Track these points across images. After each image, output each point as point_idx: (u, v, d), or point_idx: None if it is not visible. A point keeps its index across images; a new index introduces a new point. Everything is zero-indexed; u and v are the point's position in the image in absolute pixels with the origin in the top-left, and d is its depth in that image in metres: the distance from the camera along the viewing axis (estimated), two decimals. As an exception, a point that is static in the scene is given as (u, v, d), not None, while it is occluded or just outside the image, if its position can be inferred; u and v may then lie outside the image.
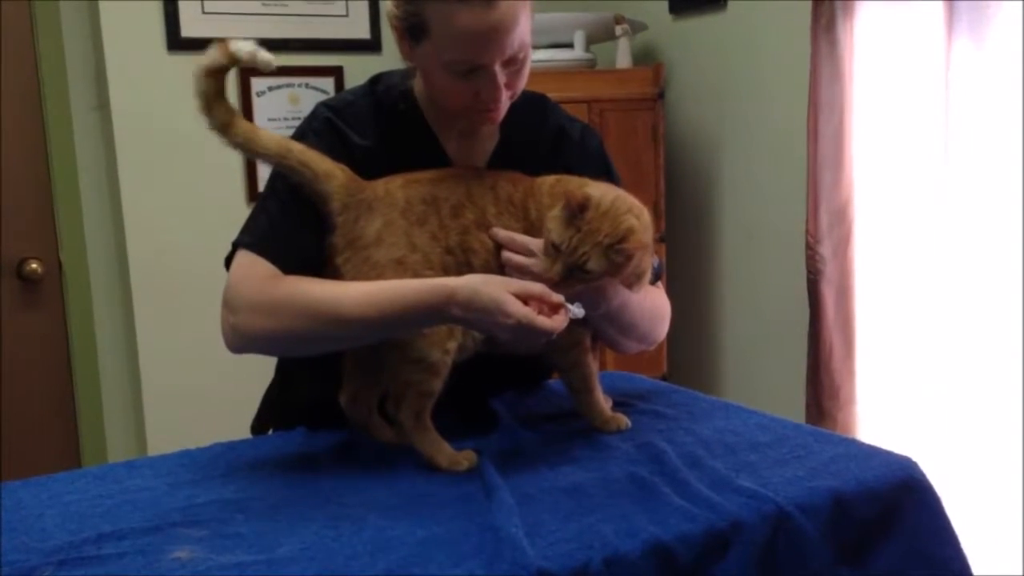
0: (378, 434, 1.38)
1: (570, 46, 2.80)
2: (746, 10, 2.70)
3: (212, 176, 2.80)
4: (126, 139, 2.73)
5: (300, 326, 1.23)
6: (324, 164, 1.30)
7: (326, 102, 1.43)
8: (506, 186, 1.35)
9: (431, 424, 1.28)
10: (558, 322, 1.17)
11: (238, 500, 1.17)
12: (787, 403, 2.48)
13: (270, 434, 1.52)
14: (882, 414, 2.36)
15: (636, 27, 2.91)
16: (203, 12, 2.78)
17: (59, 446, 2.82)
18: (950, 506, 1.24)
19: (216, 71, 1.27)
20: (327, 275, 1.29)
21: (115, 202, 2.80)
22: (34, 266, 2.73)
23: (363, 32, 2.99)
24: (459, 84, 1.29)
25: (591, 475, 1.21)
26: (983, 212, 2.08)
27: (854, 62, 2.27)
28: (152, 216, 2.77)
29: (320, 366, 1.39)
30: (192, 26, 2.77)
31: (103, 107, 2.75)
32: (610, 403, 1.43)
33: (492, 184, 1.35)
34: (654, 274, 1.45)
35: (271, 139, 1.31)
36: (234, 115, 1.28)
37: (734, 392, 2.89)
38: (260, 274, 1.26)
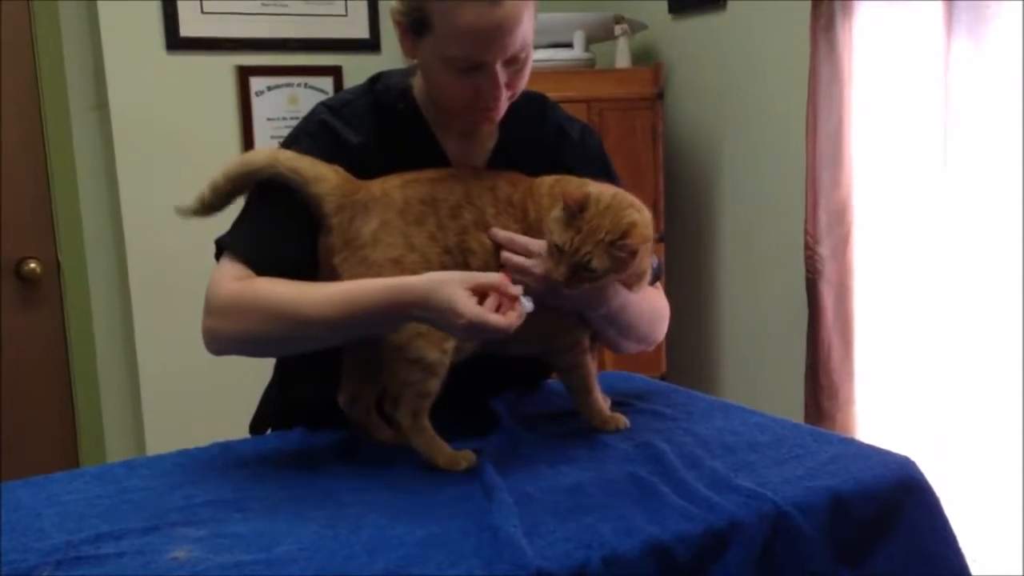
0: (377, 434, 1.38)
1: (569, 46, 2.80)
2: (745, 10, 2.70)
3: (211, 176, 2.79)
4: (125, 139, 2.73)
5: (265, 329, 1.25)
6: (315, 168, 1.30)
7: (325, 102, 1.43)
8: (505, 187, 1.35)
9: (429, 424, 1.28)
10: (511, 319, 1.16)
11: (236, 500, 1.17)
12: (786, 403, 2.48)
13: (269, 434, 1.52)
14: (881, 414, 2.36)
15: (635, 27, 2.91)
16: (202, 12, 2.78)
17: (57, 446, 2.82)
18: (948, 506, 1.24)
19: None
20: (325, 276, 1.29)
21: (114, 202, 2.80)
22: (33, 266, 2.73)
23: (362, 32, 2.99)
24: (459, 81, 1.29)
25: (590, 475, 1.21)
26: (982, 212, 2.08)
27: (853, 62, 2.27)
28: (151, 216, 2.76)
29: (319, 366, 1.39)
30: (191, 26, 2.77)
31: (102, 107, 2.75)
32: (609, 403, 1.43)
33: (491, 185, 1.35)
34: (653, 275, 1.45)
35: (260, 155, 1.32)
36: (224, 166, 1.32)
37: (733, 392, 2.89)
38: (232, 277, 1.28)
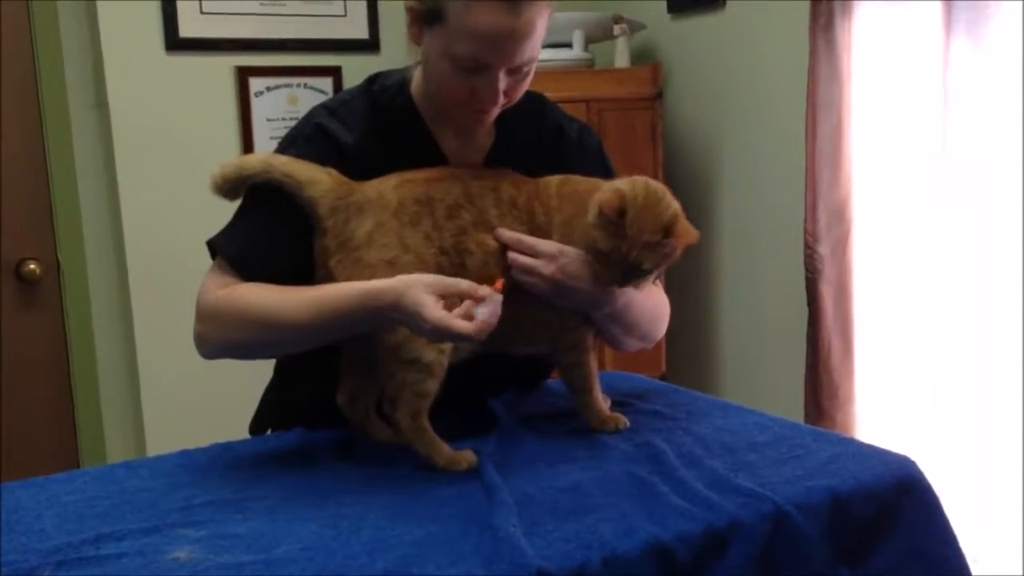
0: (376, 434, 1.38)
1: (569, 46, 2.80)
2: (744, 10, 2.70)
3: (211, 176, 2.79)
4: (124, 139, 2.73)
5: (246, 336, 1.27)
6: (308, 172, 1.30)
7: (324, 103, 1.43)
8: (508, 188, 1.35)
9: (428, 424, 1.27)
10: (478, 325, 1.15)
11: (236, 500, 1.17)
12: (786, 402, 2.49)
13: (268, 434, 1.52)
14: (880, 413, 2.36)
15: (635, 27, 2.91)
16: (201, 12, 2.78)
17: (58, 447, 2.82)
18: (948, 505, 1.24)
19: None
20: (320, 278, 1.29)
21: (113, 202, 2.80)
22: (32, 267, 2.73)
23: (361, 32, 2.99)
24: (459, 79, 1.28)
25: (590, 475, 1.21)
26: (982, 211, 2.09)
27: (852, 62, 2.27)
28: (150, 216, 2.77)
29: (318, 366, 1.39)
30: (190, 26, 2.77)
31: (101, 106, 2.75)
32: (609, 403, 1.43)
33: (493, 186, 1.34)
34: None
35: (255, 159, 1.32)
36: (221, 167, 1.32)
37: (733, 391, 2.89)
38: (218, 283, 1.30)
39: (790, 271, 2.49)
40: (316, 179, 1.30)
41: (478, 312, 1.16)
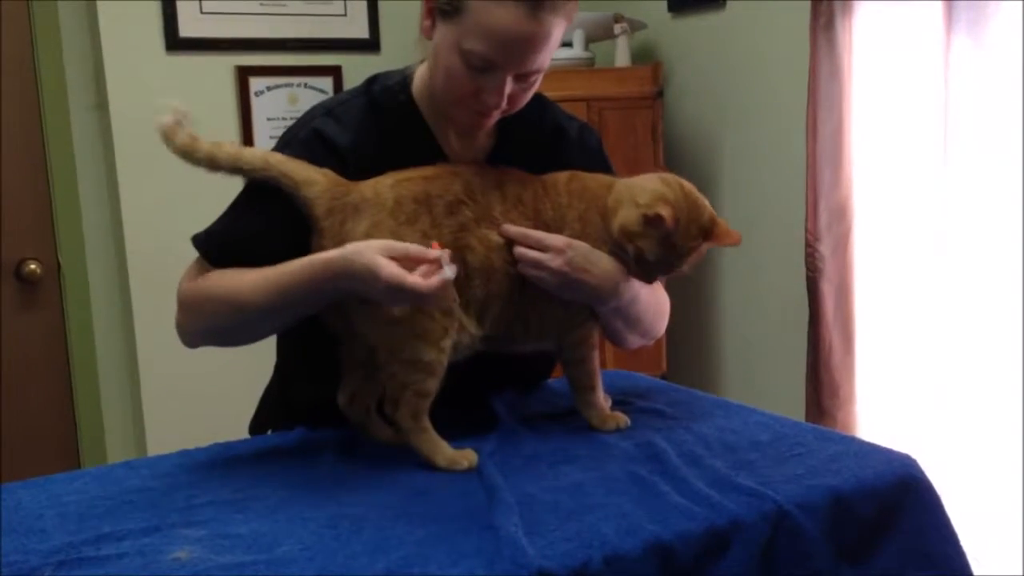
0: (377, 434, 1.38)
1: (569, 45, 2.80)
2: (745, 9, 2.70)
3: (211, 176, 2.78)
4: (124, 139, 2.73)
5: (217, 320, 1.32)
6: (304, 172, 1.30)
7: (321, 103, 1.43)
8: (513, 185, 1.35)
9: (429, 424, 1.27)
10: (432, 282, 1.16)
11: (237, 500, 1.17)
12: (787, 401, 2.48)
13: (269, 434, 1.52)
14: (881, 412, 2.36)
15: (635, 26, 2.91)
16: (201, 12, 2.78)
17: (58, 447, 2.82)
18: (949, 504, 1.24)
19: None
20: None
21: (114, 203, 2.80)
22: (33, 267, 2.73)
23: (362, 32, 2.99)
24: (465, 75, 1.27)
25: (591, 474, 1.21)
26: (982, 210, 2.09)
27: (853, 61, 2.27)
28: (151, 216, 2.77)
29: (319, 366, 1.39)
30: (190, 26, 2.77)
31: (101, 106, 2.75)
32: (609, 402, 1.43)
33: (497, 183, 1.34)
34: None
35: (254, 155, 1.32)
36: (215, 144, 1.32)
37: (734, 390, 2.89)
38: (194, 273, 1.34)
39: (791, 270, 2.49)
40: (312, 179, 1.30)
41: (445, 272, 1.17)
